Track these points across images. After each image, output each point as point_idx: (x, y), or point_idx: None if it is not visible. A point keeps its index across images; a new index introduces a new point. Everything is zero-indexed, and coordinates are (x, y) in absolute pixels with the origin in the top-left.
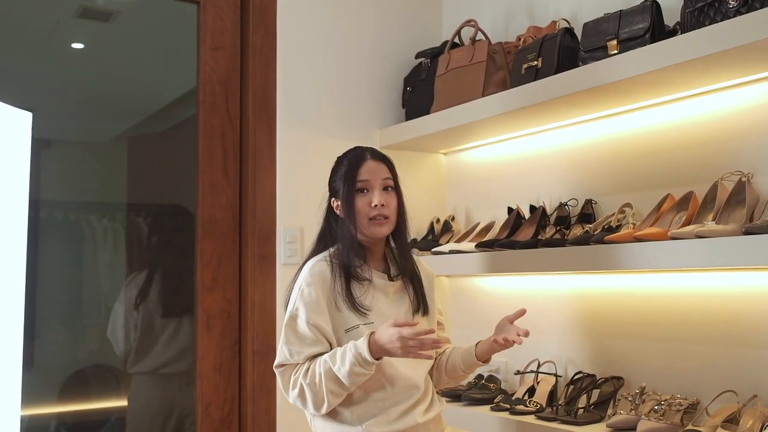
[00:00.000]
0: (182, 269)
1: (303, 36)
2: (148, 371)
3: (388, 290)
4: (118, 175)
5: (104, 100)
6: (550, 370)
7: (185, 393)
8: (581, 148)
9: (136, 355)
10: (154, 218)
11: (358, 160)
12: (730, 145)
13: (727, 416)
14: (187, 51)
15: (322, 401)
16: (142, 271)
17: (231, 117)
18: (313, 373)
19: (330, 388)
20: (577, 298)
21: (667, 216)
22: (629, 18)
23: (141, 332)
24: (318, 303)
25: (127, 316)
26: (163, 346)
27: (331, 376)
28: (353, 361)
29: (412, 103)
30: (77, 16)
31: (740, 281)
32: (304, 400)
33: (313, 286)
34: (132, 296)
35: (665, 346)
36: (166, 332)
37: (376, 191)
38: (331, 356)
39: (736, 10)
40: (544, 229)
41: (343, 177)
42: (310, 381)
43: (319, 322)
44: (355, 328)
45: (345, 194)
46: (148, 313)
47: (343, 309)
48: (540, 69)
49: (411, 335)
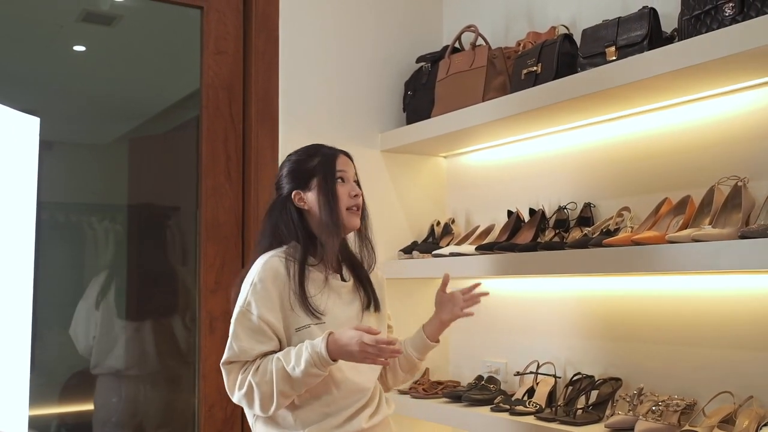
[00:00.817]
0: (157, 271)
1: (305, 40)
2: (111, 372)
3: (341, 291)
4: (120, 176)
5: (106, 103)
6: (549, 371)
7: (149, 395)
8: (580, 153)
9: (97, 356)
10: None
11: (332, 152)
12: (727, 150)
13: (723, 417)
14: (187, 54)
15: (270, 402)
16: (105, 270)
17: (234, 121)
18: (264, 371)
19: (281, 389)
20: (576, 301)
21: (664, 220)
22: (627, 25)
23: (100, 332)
24: (270, 299)
25: (88, 316)
26: (123, 348)
27: (283, 376)
28: (310, 361)
29: (412, 107)
30: (80, 20)
31: (736, 284)
32: (251, 401)
33: (266, 282)
34: (89, 298)
35: (663, 347)
36: (126, 334)
37: (352, 183)
38: (284, 355)
39: (732, 18)
40: (543, 232)
41: (319, 167)
42: (260, 380)
43: (270, 319)
44: (305, 327)
45: (324, 183)
46: (108, 314)
47: (296, 308)
48: (539, 74)
49: (372, 342)
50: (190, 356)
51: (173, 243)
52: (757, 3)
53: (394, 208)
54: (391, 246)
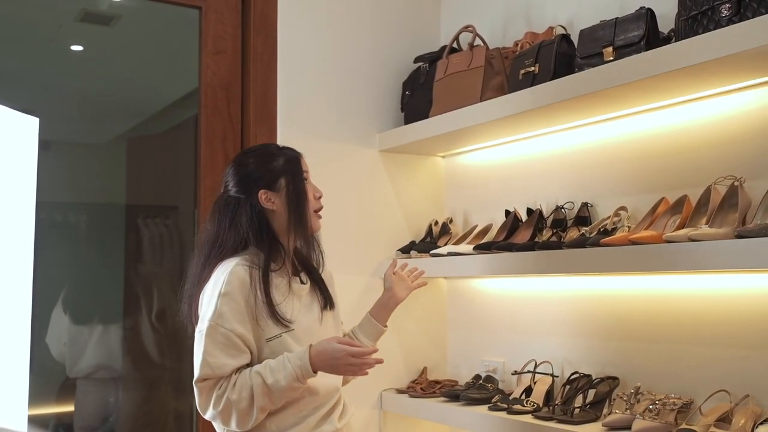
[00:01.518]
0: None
1: (303, 41)
2: (83, 376)
3: (302, 294)
4: (118, 176)
5: (104, 102)
6: (546, 370)
7: (145, 398)
8: (578, 152)
9: (69, 359)
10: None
11: (296, 153)
12: (723, 150)
13: (719, 415)
14: (185, 54)
15: (249, 417)
16: (94, 273)
17: (232, 121)
18: (242, 387)
19: (261, 404)
20: (573, 300)
21: (661, 219)
22: (625, 25)
23: (92, 335)
24: (240, 310)
25: (59, 320)
26: (117, 351)
27: (263, 391)
28: (293, 375)
29: (410, 107)
30: (79, 19)
31: (733, 284)
32: (227, 417)
33: (234, 293)
34: (83, 298)
35: (660, 346)
36: (122, 336)
37: (313, 184)
38: (263, 369)
39: (729, 19)
40: (541, 231)
41: (286, 167)
42: (238, 397)
43: (242, 331)
44: (277, 337)
45: (294, 183)
46: (99, 316)
47: (264, 318)
48: (537, 75)
49: (358, 354)
50: (184, 358)
51: (171, 243)
52: (753, 4)
53: (392, 208)
54: (389, 246)
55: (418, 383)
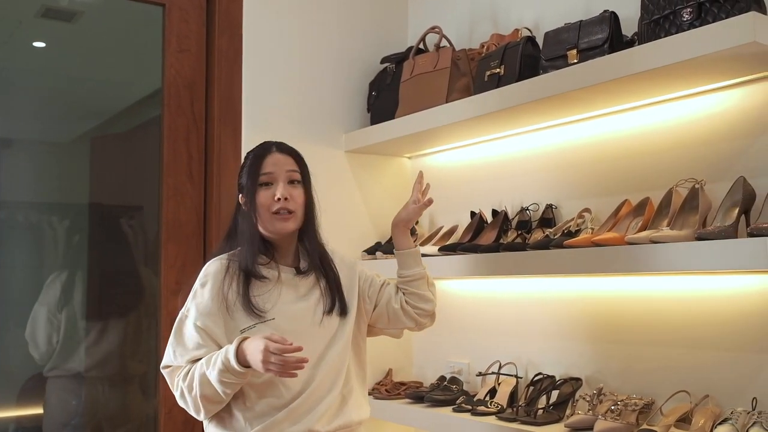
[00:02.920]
0: (118, 271)
1: (269, 40)
2: (70, 375)
3: (298, 285)
4: (81, 175)
5: (66, 100)
6: (511, 371)
7: (108, 396)
8: (543, 154)
9: (57, 358)
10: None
11: (262, 153)
12: (685, 153)
13: (680, 416)
14: (150, 52)
15: (198, 407)
16: (64, 272)
17: (196, 120)
18: (191, 376)
19: (204, 393)
20: (537, 302)
21: (624, 221)
22: (589, 28)
23: (64, 334)
24: (208, 304)
25: (49, 318)
26: (87, 350)
27: (204, 381)
28: (221, 368)
29: (377, 108)
30: (40, 15)
31: (693, 285)
32: (186, 404)
33: (205, 287)
34: (54, 297)
35: (622, 348)
36: (91, 335)
37: (280, 184)
38: (206, 360)
39: (690, 23)
40: (505, 233)
41: (247, 171)
42: (188, 384)
43: (207, 324)
44: (251, 327)
45: (248, 188)
46: (71, 315)
47: (239, 309)
48: (502, 76)
49: (276, 350)
50: (151, 358)
51: (135, 243)
52: (713, 9)
53: (358, 209)
54: (355, 246)
55: (383, 385)
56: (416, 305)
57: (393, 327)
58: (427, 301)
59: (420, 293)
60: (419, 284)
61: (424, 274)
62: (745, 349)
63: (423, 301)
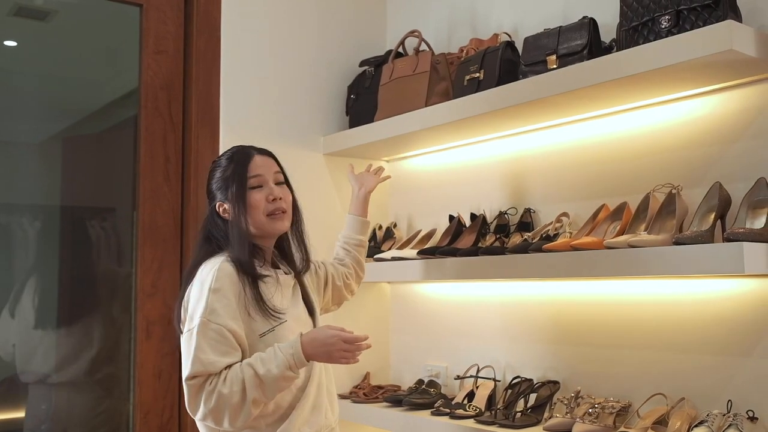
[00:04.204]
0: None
1: (247, 42)
2: (39, 380)
3: (289, 285)
4: (53, 176)
5: (38, 100)
6: (489, 374)
7: (82, 402)
8: (521, 159)
9: (28, 362)
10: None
11: (245, 158)
12: (662, 159)
13: (656, 418)
14: (125, 53)
15: (240, 412)
16: (35, 274)
17: (173, 122)
18: (233, 381)
19: (254, 396)
20: (516, 305)
21: (602, 225)
22: (568, 34)
23: (25, 338)
24: (231, 306)
25: (10, 321)
26: (58, 353)
27: (256, 383)
28: (286, 363)
29: (356, 111)
30: (12, 14)
31: (670, 289)
32: (220, 414)
33: (224, 288)
34: (16, 300)
35: (599, 351)
36: (83, 338)
37: (270, 185)
38: (254, 361)
39: (668, 30)
40: (484, 237)
41: (232, 177)
42: (230, 390)
43: (234, 327)
44: (270, 331)
45: (236, 194)
46: (32, 319)
47: (255, 313)
48: (482, 81)
49: (350, 340)
50: (125, 362)
51: (108, 245)
52: (691, 16)
53: (336, 212)
54: (332, 249)
55: (360, 388)
56: (357, 271)
57: (335, 304)
58: (362, 267)
59: (361, 259)
60: (364, 251)
61: (367, 244)
62: (720, 353)
63: (361, 267)
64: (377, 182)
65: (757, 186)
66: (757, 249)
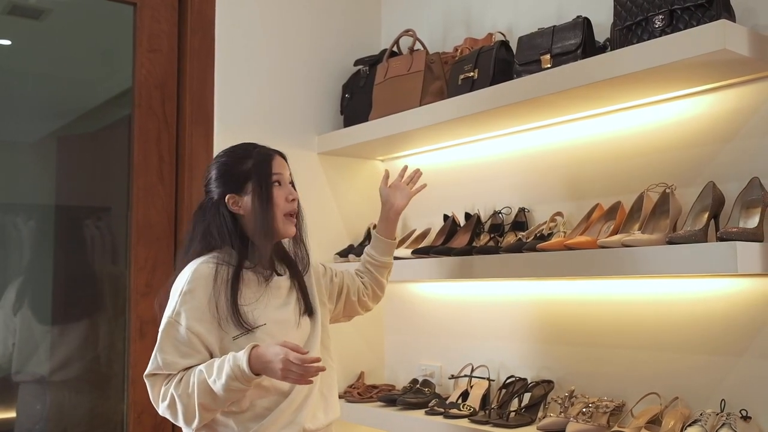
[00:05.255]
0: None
1: (241, 40)
2: (34, 380)
3: (280, 288)
4: (47, 176)
5: (32, 99)
6: (483, 374)
7: (75, 402)
8: (516, 158)
9: (22, 362)
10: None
11: (267, 155)
12: (656, 158)
13: (650, 417)
14: (119, 52)
15: (193, 416)
16: (29, 273)
17: (167, 121)
18: (186, 383)
19: (202, 401)
20: (509, 304)
21: (596, 225)
22: (562, 34)
23: (21, 337)
24: (200, 309)
25: (6, 321)
26: (52, 353)
27: (205, 389)
28: (230, 375)
29: (350, 110)
30: (6, 12)
31: (663, 289)
32: (175, 413)
33: (196, 291)
34: (11, 300)
35: (593, 350)
36: (56, 338)
37: (288, 186)
38: (207, 367)
39: (662, 30)
40: (478, 236)
41: (253, 170)
42: (182, 392)
43: (200, 330)
44: (243, 334)
45: (260, 188)
46: (26, 319)
47: (227, 317)
48: (476, 80)
49: (297, 361)
50: (119, 362)
51: (102, 245)
52: (685, 16)
53: (331, 211)
54: (328, 249)
55: (355, 388)
56: (375, 290)
57: (345, 316)
58: (382, 287)
59: (382, 280)
60: (386, 272)
61: (391, 265)
62: (714, 352)
63: (380, 288)
64: (410, 197)
65: (750, 185)
66: (750, 248)
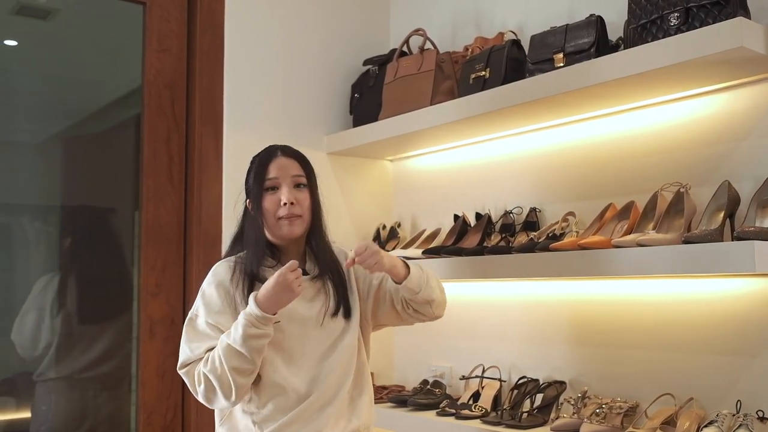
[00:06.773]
0: (108, 273)
1: (251, 40)
2: (42, 380)
3: (306, 288)
4: (53, 176)
5: (39, 100)
6: (494, 375)
7: (82, 402)
8: (526, 157)
9: (49, 361)
10: (69, 219)
11: (267, 157)
12: (670, 157)
13: (665, 418)
14: (127, 51)
15: (229, 384)
16: (57, 274)
17: (177, 121)
18: (212, 358)
19: (232, 365)
20: (521, 305)
21: (609, 225)
22: (575, 32)
23: (59, 337)
24: (216, 304)
25: (40, 320)
26: (81, 352)
27: (229, 351)
28: (245, 323)
29: (359, 110)
30: (14, 13)
31: (678, 288)
32: (212, 391)
33: (210, 289)
34: (47, 300)
35: (606, 351)
36: (85, 338)
37: (284, 189)
38: (224, 335)
39: (677, 28)
40: (489, 236)
41: (253, 176)
42: (211, 367)
43: (219, 320)
44: None
45: (254, 193)
46: (66, 318)
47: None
48: (488, 79)
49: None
50: (128, 362)
51: (109, 245)
52: (701, 14)
53: (340, 211)
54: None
55: None
56: (419, 311)
57: (377, 326)
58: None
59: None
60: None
61: (424, 289)
62: (729, 352)
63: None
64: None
65: (766, 184)
66: (767, 248)
